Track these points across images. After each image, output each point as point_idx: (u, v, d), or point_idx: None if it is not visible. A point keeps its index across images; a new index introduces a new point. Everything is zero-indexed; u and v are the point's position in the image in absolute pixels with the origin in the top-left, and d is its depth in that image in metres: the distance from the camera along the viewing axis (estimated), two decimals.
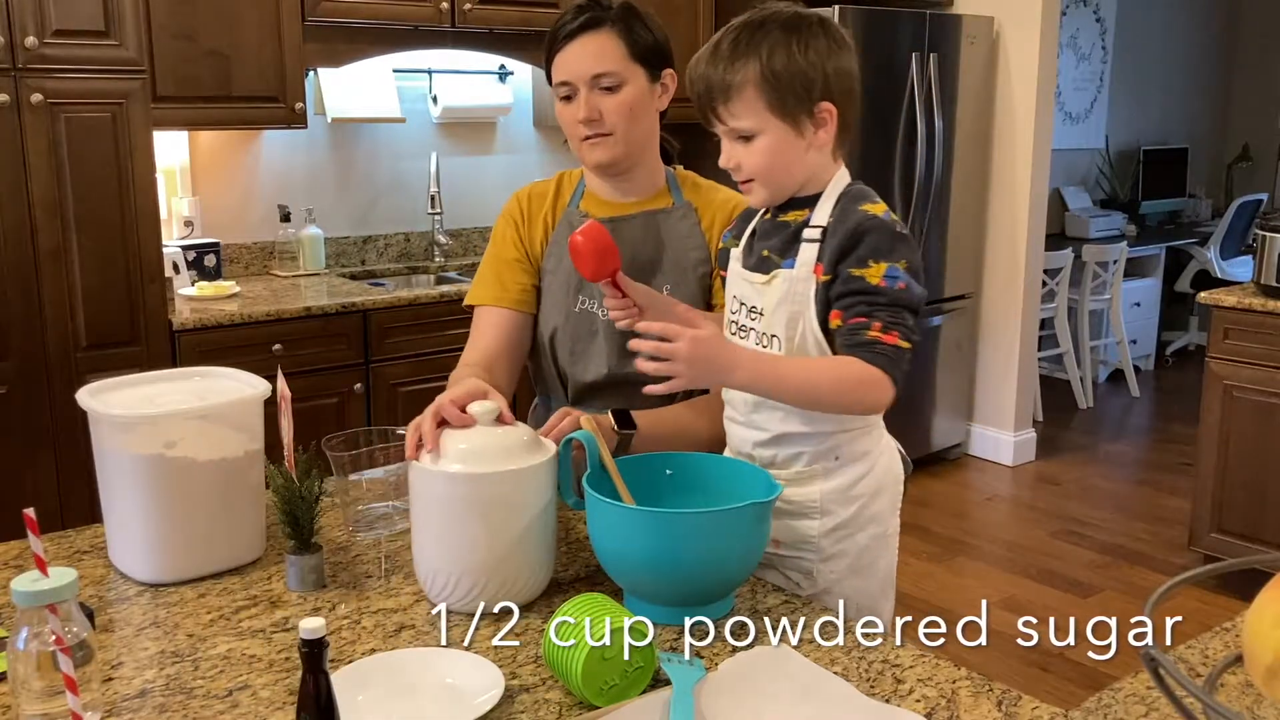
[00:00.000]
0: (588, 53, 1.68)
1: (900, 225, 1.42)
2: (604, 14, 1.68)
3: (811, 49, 1.39)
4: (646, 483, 1.44)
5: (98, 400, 1.45)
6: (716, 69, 1.41)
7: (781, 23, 1.40)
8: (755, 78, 1.38)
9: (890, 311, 1.38)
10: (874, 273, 1.38)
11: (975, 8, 4.74)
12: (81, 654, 1.04)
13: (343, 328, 3.49)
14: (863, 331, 1.37)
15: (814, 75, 1.39)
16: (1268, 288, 3.53)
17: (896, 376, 1.37)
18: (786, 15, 1.41)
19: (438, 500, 1.34)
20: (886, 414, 1.51)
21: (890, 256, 1.39)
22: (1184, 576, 0.88)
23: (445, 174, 4.30)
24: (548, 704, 1.15)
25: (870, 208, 1.42)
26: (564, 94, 1.71)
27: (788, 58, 1.38)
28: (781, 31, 1.39)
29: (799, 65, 1.38)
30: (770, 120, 1.40)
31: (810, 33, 1.40)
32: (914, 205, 4.57)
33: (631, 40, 1.69)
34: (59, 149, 2.95)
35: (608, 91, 1.69)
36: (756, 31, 1.40)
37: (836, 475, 1.49)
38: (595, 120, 1.69)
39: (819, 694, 1.15)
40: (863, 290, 1.39)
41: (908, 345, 1.38)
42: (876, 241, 1.39)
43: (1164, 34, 7.07)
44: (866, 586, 1.54)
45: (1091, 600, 3.60)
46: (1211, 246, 6.44)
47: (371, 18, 3.73)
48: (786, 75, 1.38)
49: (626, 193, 1.81)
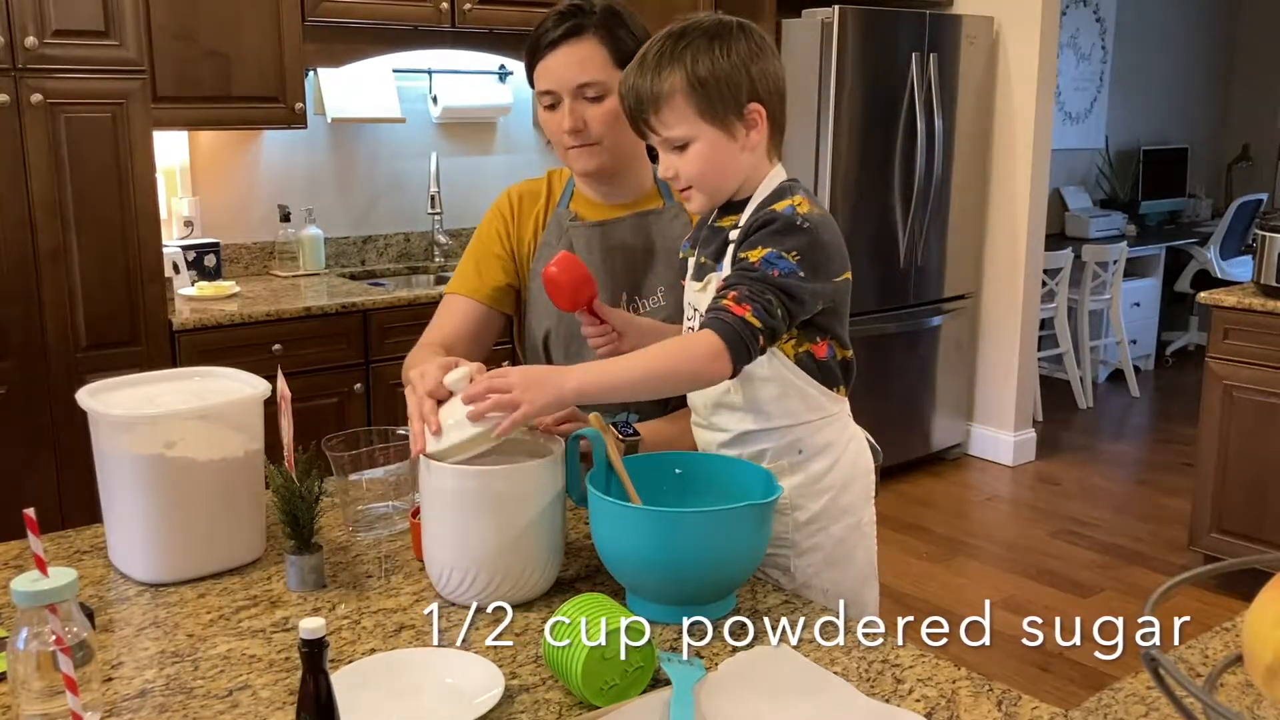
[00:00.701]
0: (571, 62, 1.66)
1: (803, 220, 1.41)
2: (586, 20, 1.66)
3: (734, 52, 1.40)
4: (653, 481, 1.44)
5: (98, 400, 1.45)
6: (644, 80, 1.42)
7: (704, 30, 1.41)
8: (682, 85, 1.40)
9: (753, 287, 1.37)
10: (756, 254, 1.39)
11: (975, 8, 4.74)
12: (81, 654, 1.04)
13: (343, 328, 3.49)
14: (718, 299, 1.38)
15: (739, 78, 1.40)
16: (1268, 288, 3.53)
17: (736, 347, 1.34)
18: (708, 23, 1.42)
19: (448, 496, 1.35)
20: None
21: (779, 244, 1.39)
22: (1184, 576, 0.88)
23: (445, 174, 4.30)
24: (548, 704, 1.15)
25: (782, 204, 1.42)
26: (548, 102, 1.70)
27: (712, 63, 1.39)
28: (704, 39, 1.40)
29: (724, 69, 1.39)
30: (702, 126, 1.41)
31: (732, 37, 1.41)
32: (914, 205, 4.57)
33: (615, 47, 1.67)
34: (59, 149, 2.95)
35: (592, 101, 1.67)
36: (679, 40, 1.41)
37: (802, 469, 1.49)
38: (580, 130, 1.68)
39: (819, 694, 1.15)
40: (739, 266, 1.40)
41: (758, 322, 1.35)
42: (769, 230, 1.40)
43: (1164, 34, 7.07)
44: (845, 578, 1.55)
45: (1091, 600, 3.60)
46: (1211, 246, 6.44)
47: (371, 18, 3.73)
48: (713, 80, 1.39)
49: (614, 195, 1.80)
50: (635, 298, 1.78)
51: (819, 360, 1.47)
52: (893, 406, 4.59)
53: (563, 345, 1.80)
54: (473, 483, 1.33)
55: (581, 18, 1.66)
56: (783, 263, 1.38)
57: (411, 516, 1.53)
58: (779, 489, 1.36)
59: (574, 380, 1.34)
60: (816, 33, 4.26)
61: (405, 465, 1.61)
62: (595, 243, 1.77)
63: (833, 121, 4.27)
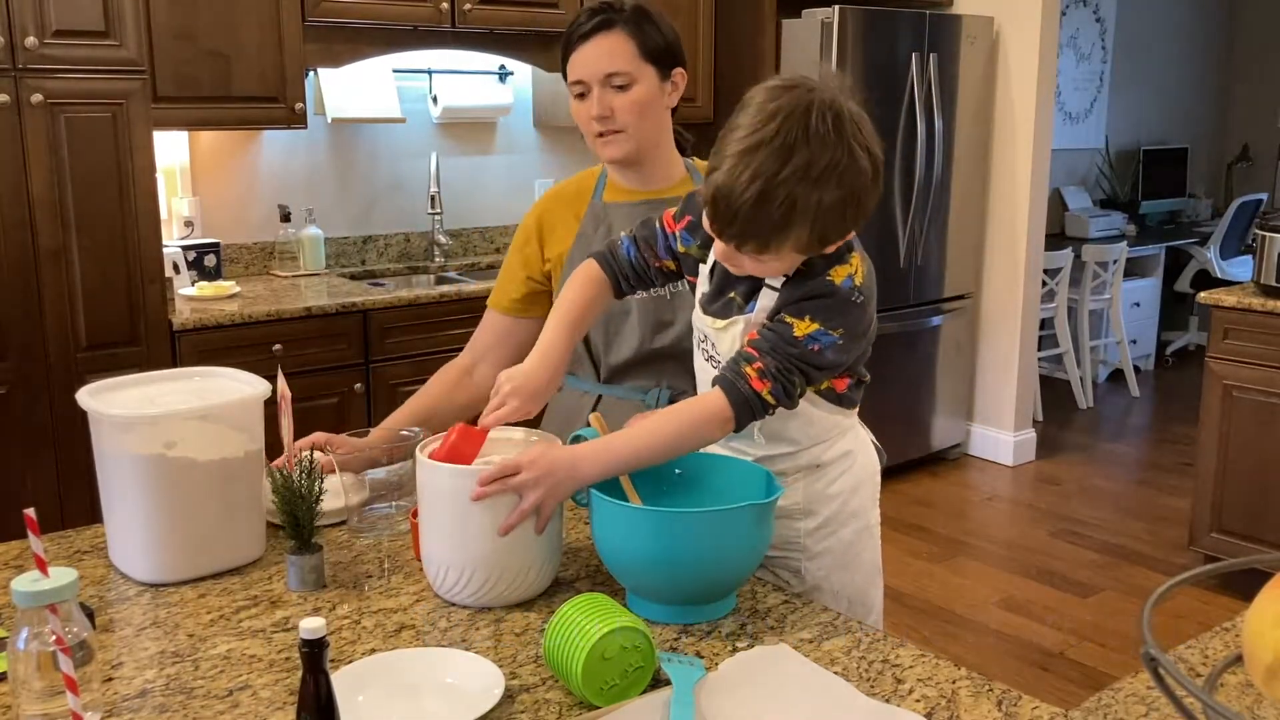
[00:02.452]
0: (600, 53, 1.74)
1: (858, 294, 1.39)
2: (616, 15, 1.75)
3: (843, 184, 1.31)
4: (654, 481, 1.45)
5: (98, 400, 1.45)
6: (755, 231, 1.31)
7: (809, 168, 1.29)
8: (802, 236, 1.32)
9: (782, 364, 1.36)
10: (803, 326, 1.37)
11: (975, 8, 4.74)
12: (81, 654, 1.04)
13: (343, 328, 3.49)
14: (743, 363, 1.37)
15: (850, 213, 1.34)
16: (1268, 288, 3.53)
17: (743, 416, 1.37)
18: (859, 161, 1.33)
19: (445, 496, 1.35)
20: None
21: (828, 320, 1.37)
22: (1184, 576, 0.88)
23: (445, 174, 4.30)
24: (548, 704, 1.15)
25: (839, 272, 1.38)
26: (578, 92, 1.77)
27: (821, 209, 1.30)
28: (811, 186, 1.29)
29: (833, 206, 1.31)
30: (799, 258, 1.37)
31: (839, 168, 1.31)
32: (914, 205, 4.57)
33: (642, 40, 1.75)
34: (59, 149, 2.95)
35: (619, 90, 1.74)
36: (790, 189, 1.28)
37: (818, 478, 1.53)
38: (607, 117, 1.75)
39: (819, 694, 1.15)
40: (780, 332, 1.38)
41: (772, 400, 1.37)
42: (825, 305, 1.37)
43: (1164, 34, 7.07)
44: (854, 579, 1.57)
45: (1091, 600, 3.59)
46: (1211, 246, 6.44)
47: (371, 18, 3.73)
48: (823, 230, 1.32)
49: (646, 182, 1.85)
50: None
51: (839, 394, 1.50)
52: (893, 406, 4.59)
53: (601, 325, 1.82)
54: (469, 482, 1.33)
55: (612, 13, 1.75)
56: (827, 339, 1.37)
57: (411, 516, 1.53)
58: (779, 489, 1.37)
59: (588, 466, 1.34)
60: (816, 33, 4.26)
61: (407, 465, 1.61)
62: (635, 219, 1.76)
63: None
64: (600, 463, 1.35)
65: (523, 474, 1.31)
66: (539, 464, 1.32)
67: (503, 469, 1.32)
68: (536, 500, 1.32)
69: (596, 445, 1.38)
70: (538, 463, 1.32)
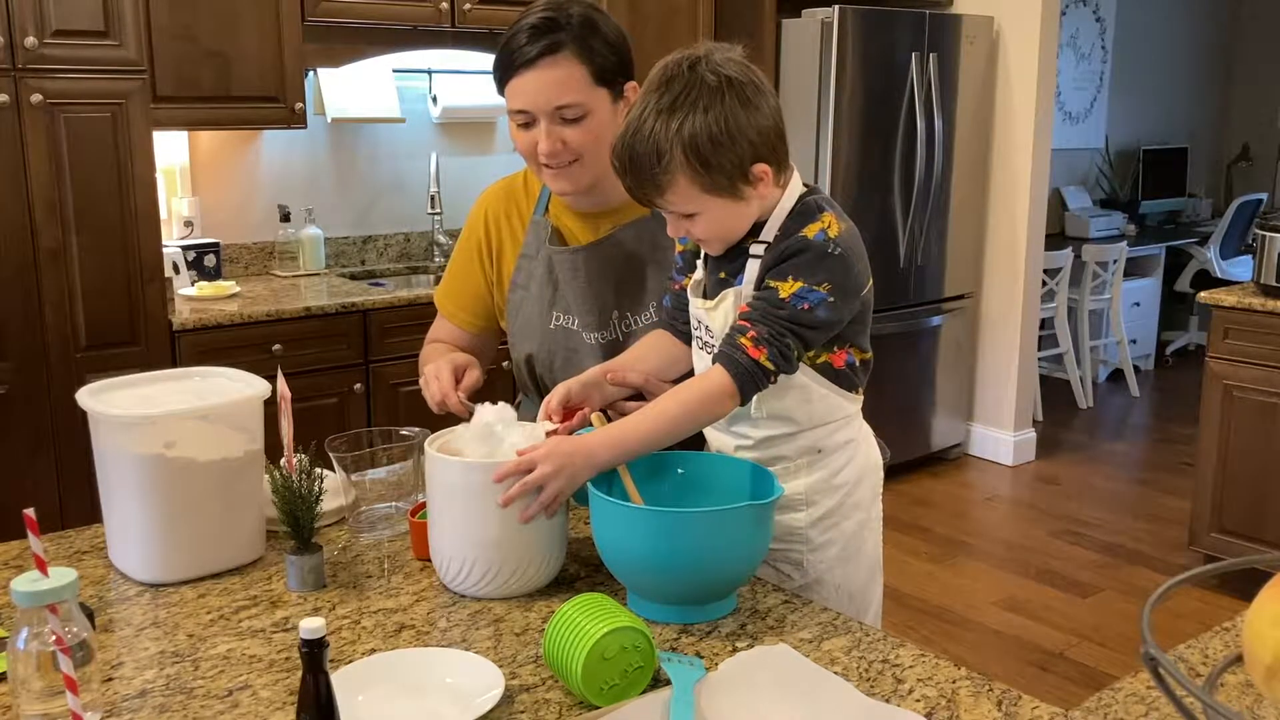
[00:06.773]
0: (547, 83, 1.58)
1: (834, 245, 1.38)
2: (563, 35, 1.57)
3: (731, 119, 1.32)
4: (656, 481, 1.45)
5: (98, 400, 1.45)
6: (642, 171, 1.35)
7: (694, 97, 1.32)
8: (684, 168, 1.33)
9: (774, 327, 1.36)
10: (787, 287, 1.37)
11: (975, 8, 4.74)
12: (81, 654, 1.04)
13: (343, 328, 3.49)
14: (737, 335, 1.38)
15: (742, 148, 1.34)
16: (1268, 287, 3.53)
17: (746, 387, 1.37)
18: (698, 85, 1.33)
19: (453, 489, 1.38)
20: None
21: (811, 276, 1.37)
22: (1184, 576, 0.88)
23: (445, 174, 4.30)
24: (548, 704, 1.15)
25: (811, 229, 1.39)
26: (521, 120, 1.62)
27: (711, 141, 1.32)
28: (700, 113, 1.32)
29: (723, 143, 1.32)
30: (708, 200, 1.37)
31: (724, 102, 1.32)
32: (914, 205, 4.57)
33: (592, 62, 1.59)
34: (59, 149, 2.95)
35: (571, 122, 1.60)
36: (672, 116, 1.32)
37: (820, 467, 1.51)
38: (558, 152, 1.61)
39: (818, 693, 1.15)
40: (767, 298, 1.39)
41: (771, 366, 1.37)
42: (803, 261, 1.38)
43: (1164, 34, 7.07)
44: (855, 573, 1.56)
45: (1091, 600, 3.59)
46: (1211, 246, 6.44)
47: (371, 18, 3.72)
48: (715, 161, 1.33)
49: (596, 203, 1.73)
50: (627, 315, 1.75)
51: (836, 369, 1.48)
52: (893, 406, 4.59)
53: (548, 360, 1.78)
54: (478, 476, 1.35)
55: (557, 34, 1.57)
56: (814, 295, 1.37)
57: (410, 516, 1.53)
58: (779, 489, 1.36)
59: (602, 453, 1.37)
60: (816, 33, 4.26)
61: (407, 465, 1.61)
62: (580, 269, 1.73)
63: (833, 122, 4.27)
64: (616, 447, 1.37)
65: (539, 468, 1.34)
66: (555, 455, 1.34)
67: (519, 465, 1.35)
68: (557, 490, 1.35)
69: (610, 431, 1.40)
70: (553, 454, 1.35)
